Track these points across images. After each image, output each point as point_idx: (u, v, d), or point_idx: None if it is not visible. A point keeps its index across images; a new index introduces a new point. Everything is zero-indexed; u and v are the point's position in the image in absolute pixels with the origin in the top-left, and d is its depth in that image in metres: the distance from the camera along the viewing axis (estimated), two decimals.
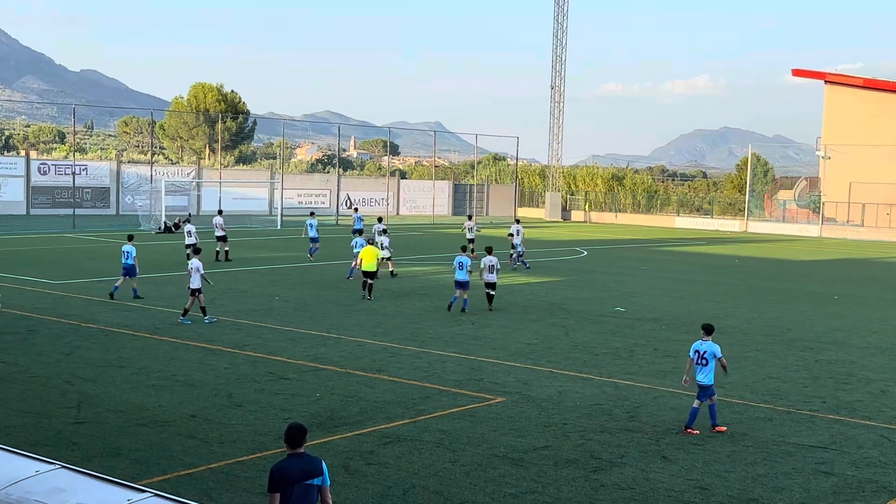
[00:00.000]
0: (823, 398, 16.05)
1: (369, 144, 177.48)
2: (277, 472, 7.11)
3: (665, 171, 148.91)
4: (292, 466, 7.18)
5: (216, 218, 35.95)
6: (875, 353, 20.57)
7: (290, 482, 7.08)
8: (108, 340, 19.08)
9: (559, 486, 11.03)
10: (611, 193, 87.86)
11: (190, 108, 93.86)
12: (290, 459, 7.25)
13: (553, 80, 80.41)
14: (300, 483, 7.12)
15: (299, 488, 7.11)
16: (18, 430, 12.57)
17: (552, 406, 14.82)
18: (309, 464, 7.25)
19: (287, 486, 7.07)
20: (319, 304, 24.96)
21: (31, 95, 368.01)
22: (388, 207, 70.69)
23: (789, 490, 11.19)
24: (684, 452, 12.55)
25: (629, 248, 50.49)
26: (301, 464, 7.21)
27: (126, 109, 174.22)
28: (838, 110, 76.28)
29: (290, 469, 7.16)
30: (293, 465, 7.19)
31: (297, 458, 7.25)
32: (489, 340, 20.41)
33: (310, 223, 36.04)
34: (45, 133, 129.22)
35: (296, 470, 7.16)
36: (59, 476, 6.22)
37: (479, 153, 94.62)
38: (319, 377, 16.33)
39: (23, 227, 49.28)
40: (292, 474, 7.12)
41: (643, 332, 22.14)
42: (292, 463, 7.21)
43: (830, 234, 68.51)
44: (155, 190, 55.84)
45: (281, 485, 7.07)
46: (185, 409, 13.96)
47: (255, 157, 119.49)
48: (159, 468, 11.20)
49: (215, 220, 35.70)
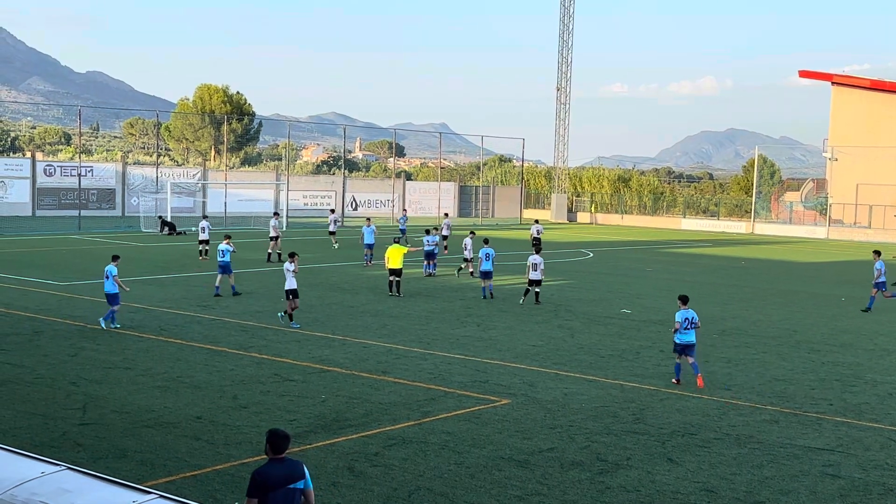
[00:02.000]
0: (830, 400, 15.99)
1: (375, 146, 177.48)
2: (259, 477, 7.15)
3: (671, 173, 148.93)
4: (273, 472, 7.21)
5: (272, 220, 38.23)
6: (882, 356, 20.50)
7: (271, 487, 7.13)
8: (114, 342, 19.10)
9: (565, 489, 11.00)
10: (617, 195, 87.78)
11: (195, 110, 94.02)
12: (272, 465, 7.28)
13: (559, 82, 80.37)
14: (282, 488, 7.16)
15: (281, 493, 7.15)
16: (24, 432, 12.58)
17: (558, 408, 14.79)
18: (290, 468, 7.28)
19: (268, 491, 7.12)
20: (325, 305, 24.96)
21: (36, 97, 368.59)
22: (394, 209, 70.70)
23: (796, 493, 11.15)
24: (690, 455, 12.51)
25: (635, 249, 50.41)
26: (283, 469, 7.25)
27: (132, 111, 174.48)
28: (845, 112, 76.10)
29: (272, 474, 7.19)
30: (274, 470, 7.23)
31: (278, 464, 7.28)
32: (494, 342, 20.39)
33: (366, 229, 36.10)
34: (51, 134, 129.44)
35: (277, 475, 7.19)
36: (65, 477, 6.22)
37: (485, 154, 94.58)
38: (325, 379, 16.32)
39: (28, 228, 49.37)
40: (274, 479, 7.16)
41: (649, 334, 22.09)
42: (273, 468, 7.24)
43: (837, 235, 68.36)
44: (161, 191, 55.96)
45: (262, 490, 7.11)
46: (190, 410, 13.96)
47: (261, 158, 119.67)
48: (165, 470, 11.19)
49: (271, 223, 37.89)
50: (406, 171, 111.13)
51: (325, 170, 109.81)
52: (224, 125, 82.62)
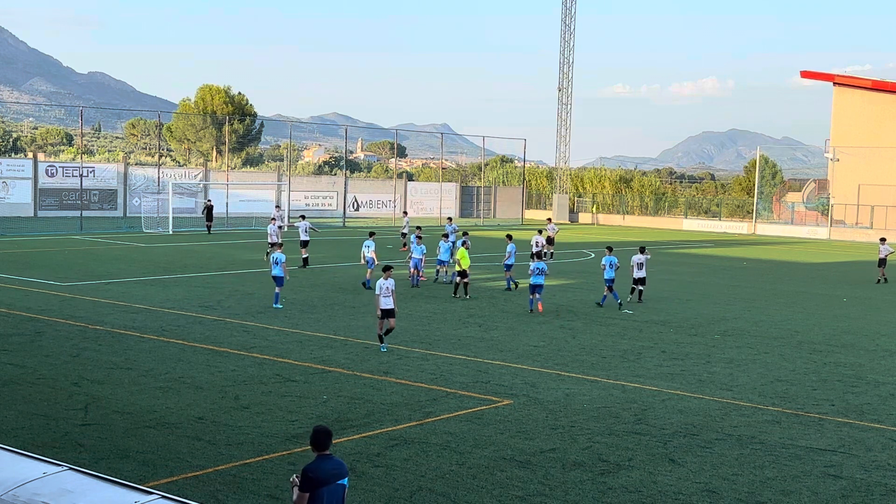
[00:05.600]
0: (832, 401, 15.99)
1: (376, 146, 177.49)
2: (311, 473, 7.29)
3: (673, 173, 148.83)
4: (324, 467, 7.37)
5: (301, 223, 36.27)
6: (884, 356, 20.49)
7: (323, 482, 7.28)
8: (116, 342, 19.10)
9: (566, 489, 11.00)
10: (618, 195, 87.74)
11: (197, 111, 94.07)
12: (321, 460, 7.43)
13: (560, 82, 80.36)
14: (333, 483, 7.33)
15: (331, 488, 7.31)
16: (26, 432, 12.59)
17: (559, 409, 14.79)
18: (338, 465, 7.47)
19: (321, 485, 7.28)
20: (326, 306, 24.96)
21: (38, 98, 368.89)
22: (396, 209, 70.74)
23: (798, 493, 11.14)
24: (692, 455, 12.51)
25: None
26: (331, 465, 7.42)
27: (133, 112, 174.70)
28: (847, 112, 76.06)
29: (323, 469, 7.35)
30: (325, 465, 7.38)
31: (326, 460, 7.44)
32: (496, 343, 20.39)
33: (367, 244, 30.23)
34: (53, 135, 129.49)
35: (328, 471, 7.36)
36: (67, 478, 6.22)
37: (487, 155, 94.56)
38: (326, 379, 16.33)
39: (30, 229, 49.40)
40: (325, 475, 7.32)
41: (651, 335, 22.09)
42: (323, 463, 7.40)
43: (839, 236, 68.33)
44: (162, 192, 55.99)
45: (314, 485, 7.26)
46: (192, 411, 13.97)
47: (263, 159, 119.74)
48: (166, 470, 11.20)
49: (300, 225, 36.08)
50: (408, 172, 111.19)
51: (326, 170, 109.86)
52: (226, 126, 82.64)
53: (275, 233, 35.41)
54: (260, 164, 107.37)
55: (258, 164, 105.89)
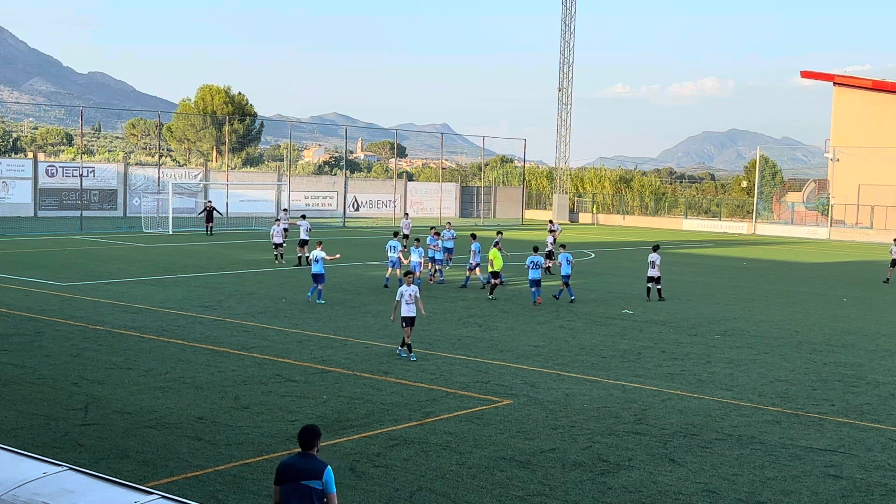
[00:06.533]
0: (832, 401, 15.99)
1: (376, 146, 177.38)
2: (279, 466, 7.46)
3: (673, 173, 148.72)
4: (292, 464, 7.41)
5: (302, 222, 36.24)
6: (884, 356, 20.49)
7: (284, 479, 7.34)
8: (116, 342, 19.10)
9: (566, 489, 11.00)
10: (618, 195, 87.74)
11: (197, 111, 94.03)
12: (293, 457, 7.50)
13: (560, 82, 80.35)
14: (294, 482, 7.30)
15: (293, 486, 7.29)
16: (26, 432, 12.59)
17: (559, 409, 14.79)
18: (309, 465, 7.36)
19: (280, 481, 7.36)
20: (326, 306, 24.95)
21: (38, 98, 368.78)
22: (396, 209, 70.75)
23: (798, 493, 11.14)
24: (692, 455, 12.51)
25: (637, 250, 50.36)
26: (301, 463, 7.39)
27: (133, 112, 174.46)
28: (847, 112, 76.07)
29: (290, 466, 7.39)
30: (294, 462, 7.41)
31: (300, 458, 7.44)
32: (496, 343, 20.39)
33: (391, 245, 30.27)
34: (53, 135, 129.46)
35: (292, 468, 7.37)
36: (67, 478, 6.22)
37: (487, 155, 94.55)
38: (326, 379, 16.33)
39: (30, 229, 49.40)
40: (288, 471, 7.36)
41: (651, 335, 22.09)
42: (293, 461, 7.44)
43: (839, 236, 68.33)
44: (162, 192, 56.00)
45: (276, 478, 7.41)
46: (192, 411, 13.97)
47: (263, 159, 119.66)
48: (166, 470, 11.20)
49: (301, 225, 36.02)
50: (408, 172, 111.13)
51: (326, 170, 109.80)
52: (226, 126, 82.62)
53: (279, 233, 35.64)
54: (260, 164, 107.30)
55: (258, 164, 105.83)
